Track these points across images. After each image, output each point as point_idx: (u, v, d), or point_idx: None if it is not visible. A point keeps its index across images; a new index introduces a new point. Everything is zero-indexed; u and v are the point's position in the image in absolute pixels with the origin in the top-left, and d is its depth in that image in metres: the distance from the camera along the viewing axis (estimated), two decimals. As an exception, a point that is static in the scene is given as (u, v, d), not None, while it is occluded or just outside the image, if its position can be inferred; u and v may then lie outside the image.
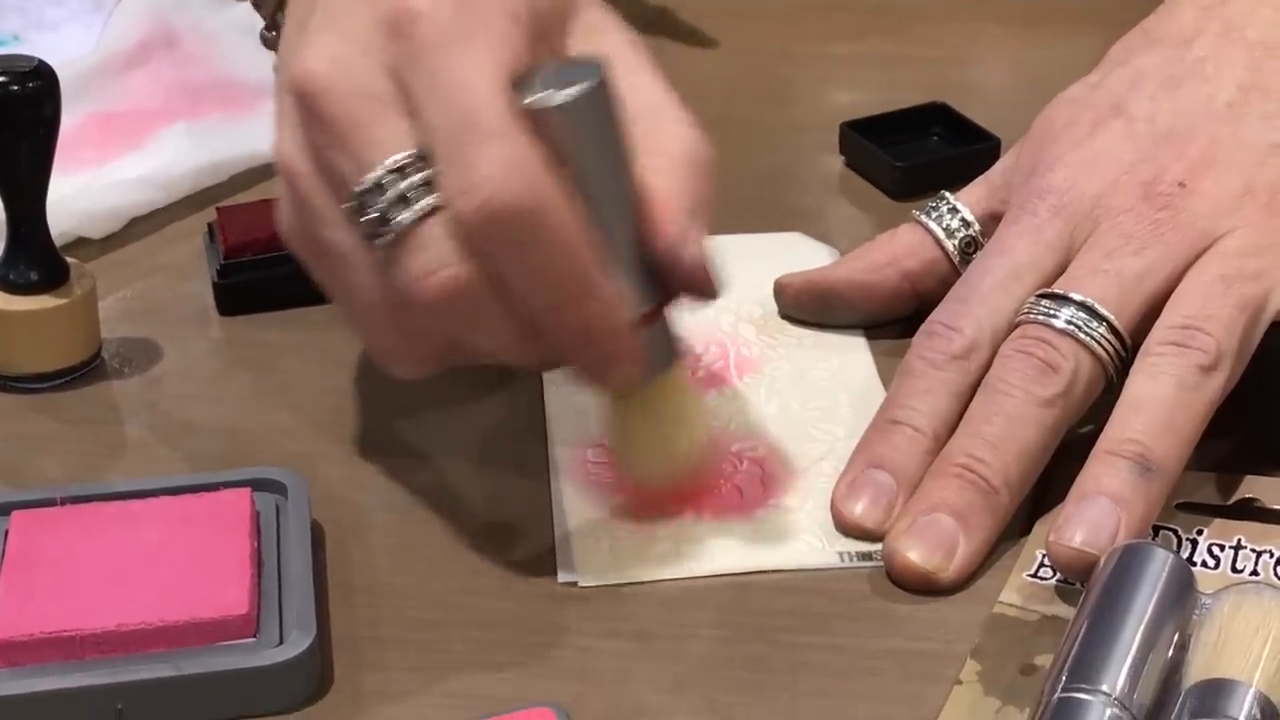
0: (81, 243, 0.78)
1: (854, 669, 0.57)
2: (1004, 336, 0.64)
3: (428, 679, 0.57)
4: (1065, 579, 0.60)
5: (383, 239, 0.56)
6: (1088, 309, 0.63)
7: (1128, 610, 0.54)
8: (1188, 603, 0.56)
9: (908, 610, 0.60)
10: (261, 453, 0.67)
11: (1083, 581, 0.58)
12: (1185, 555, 0.60)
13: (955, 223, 0.71)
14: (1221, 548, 0.61)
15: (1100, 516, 0.59)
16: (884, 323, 0.72)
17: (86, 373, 0.71)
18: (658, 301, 0.59)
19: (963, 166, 0.76)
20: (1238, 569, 0.60)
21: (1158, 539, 0.61)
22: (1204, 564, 0.60)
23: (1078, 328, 0.63)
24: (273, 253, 0.74)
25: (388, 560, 0.62)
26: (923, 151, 0.83)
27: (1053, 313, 0.63)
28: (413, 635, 0.59)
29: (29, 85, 0.67)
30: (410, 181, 0.56)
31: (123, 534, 0.59)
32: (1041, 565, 0.60)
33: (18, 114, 0.67)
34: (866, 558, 0.61)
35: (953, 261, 0.71)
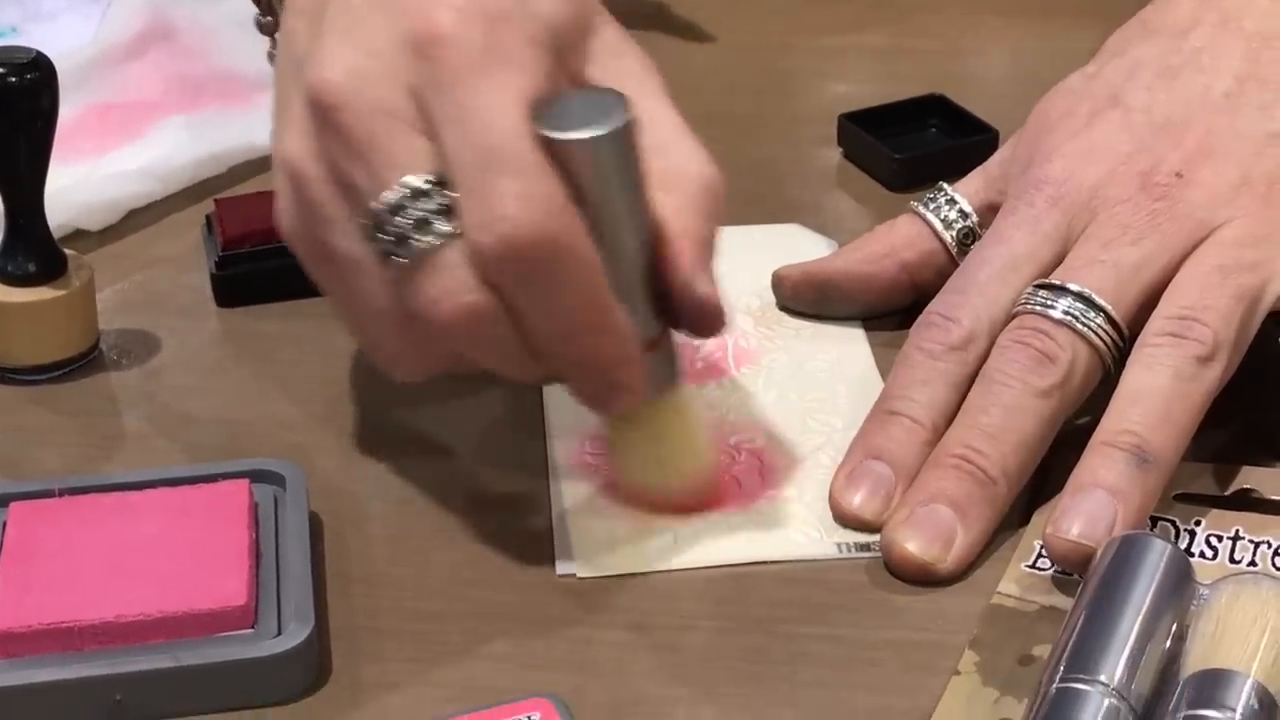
0: (80, 234, 0.78)
1: (852, 660, 0.57)
2: (1002, 327, 0.64)
3: (426, 669, 0.57)
4: (1063, 570, 0.60)
5: (400, 259, 0.56)
6: (1085, 299, 0.63)
7: (1126, 601, 0.54)
8: (1185, 593, 0.56)
9: (906, 601, 0.60)
10: (260, 444, 0.67)
11: (1080, 573, 0.58)
12: (1183, 546, 0.60)
13: (953, 214, 0.71)
14: (1219, 538, 0.61)
15: (1097, 508, 0.59)
16: (882, 314, 0.72)
17: (84, 364, 0.71)
18: (663, 327, 0.60)
19: (961, 158, 0.76)
20: (1235, 559, 0.60)
21: (1155, 530, 0.61)
22: (1202, 555, 0.60)
23: (1075, 318, 0.63)
24: (271, 244, 0.73)
25: (386, 551, 0.62)
26: (921, 143, 0.83)
27: (1050, 303, 0.63)
28: (411, 626, 0.59)
29: (27, 77, 0.66)
30: (429, 206, 0.55)
31: (121, 525, 0.59)
32: (1040, 556, 0.60)
33: (16, 106, 0.67)
34: (865, 548, 0.62)
35: (950, 253, 0.71)
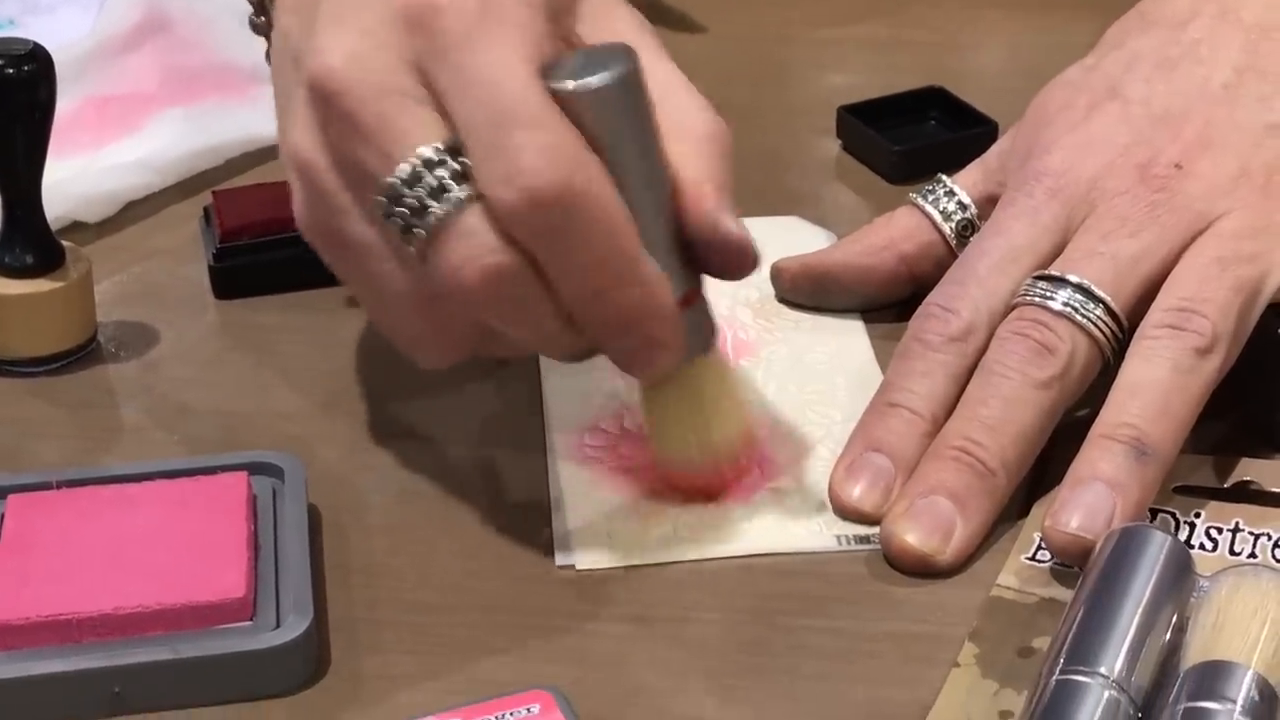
0: (77, 226, 0.78)
1: (852, 652, 0.57)
2: (1001, 318, 0.64)
3: (425, 662, 0.57)
4: (1062, 562, 0.60)
5: (419, 230, 0.56)
6: (1084, 291, 0.63)
7: (1126, 593, 0.54)
8: (1185, 585, 0.56)
9: (905, 593, 0.60)
10: (258, 436, 0.67)
11: (1080, 565, 0.58)
12: (1183, 538, 0.60)
13: (952, 206, 0.71)
14: (1219, 530, 0.61)
15: (1096, 501, 0.59)
16: (881, 306, 0.72)
17: (82, 356, 0.71)
18: (693, 284, 0.59)
19: (960, 150, 0.76)
20: (1236, 551, 0.60)
21: (1155, 522, 0.61)
22: (1202, 546, 0.60)
23: (1074, 309, 0.63)
24: (269, 236, 0.74)
25: (385, 543, 0.62)
26: (920, 135, 0.83)
27: (1049, 294, 0.63)
28: (410, 618, 0.59)
29: (24, 69, 0.66)
30: (443, 173, 0.55)
31: (119, 517, 0.59)
32: (1039, 548, 0.60)
33: (13, 97, 0.67)
34: (864, 541, 0.61)
35: (949, 244, 0.71)
